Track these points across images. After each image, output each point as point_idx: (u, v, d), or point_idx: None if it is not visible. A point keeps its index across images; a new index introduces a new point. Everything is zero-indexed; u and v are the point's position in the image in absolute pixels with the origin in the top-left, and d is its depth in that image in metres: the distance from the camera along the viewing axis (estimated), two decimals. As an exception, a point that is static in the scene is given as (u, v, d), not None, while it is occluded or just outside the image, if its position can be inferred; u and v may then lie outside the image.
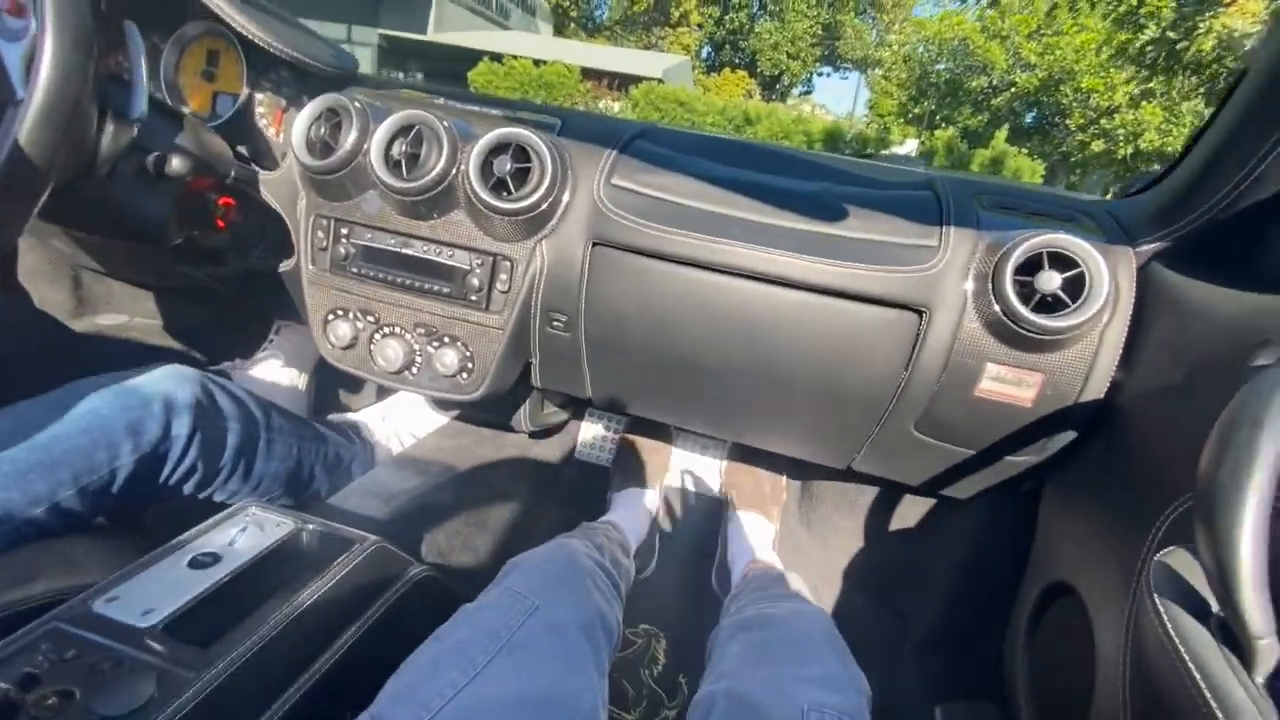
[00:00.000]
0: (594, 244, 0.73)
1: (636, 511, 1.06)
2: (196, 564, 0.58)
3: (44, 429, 0.61)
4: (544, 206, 0.71)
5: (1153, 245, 0.64)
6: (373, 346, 0.79)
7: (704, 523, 1.20)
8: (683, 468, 1.24)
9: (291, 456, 0.88)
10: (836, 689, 0.51)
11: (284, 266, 0.87)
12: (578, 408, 1.28)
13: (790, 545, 1.12)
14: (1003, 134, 7.34)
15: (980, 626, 0.82)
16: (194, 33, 0.89)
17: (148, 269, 1.03)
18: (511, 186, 0.70)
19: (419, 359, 0.79)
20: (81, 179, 0.65)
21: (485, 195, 0.69)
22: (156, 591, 0.55)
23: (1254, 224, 0.57)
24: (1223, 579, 0.35)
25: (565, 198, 0.73)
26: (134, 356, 1.07)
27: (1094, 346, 0.63)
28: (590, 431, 1.30)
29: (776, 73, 25.33)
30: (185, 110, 0.88)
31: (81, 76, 0.53)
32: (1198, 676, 0.37)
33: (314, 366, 1.31)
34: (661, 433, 1.21)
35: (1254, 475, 0.35)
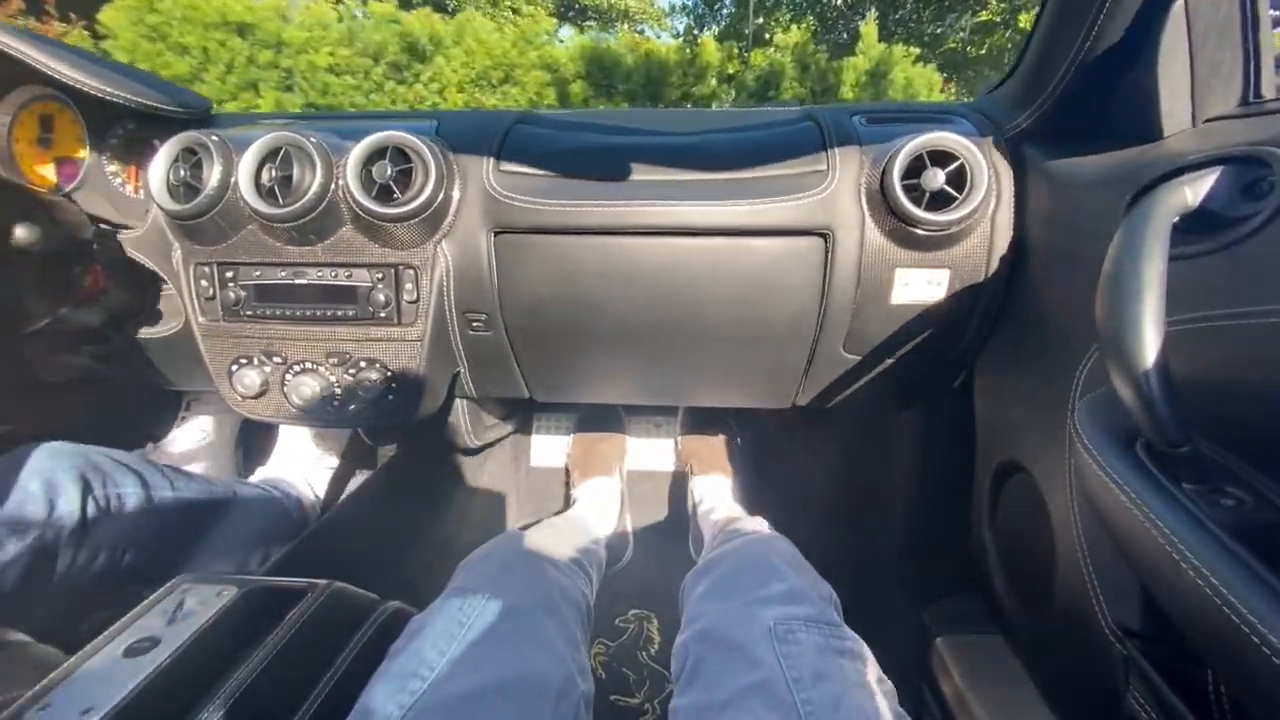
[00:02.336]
0: (496, 233, 0.71)
1: (600, 501, 1.04)
2: (133, 651, 0.53)
3: None
4: (435, 205, 0.69)
5: (1019, 128, 0.68)
6: (285, 388, 0.74)
7: (672, 498, 1.20)
8: (639, 450, 1.23)
9: (212, 510, 0.82)
10: (800, 600, 0.51)
11: (172, 328, 0.81)
12: (522, 412, 1.25)
13: (752, 496, 1.13)
14: (872, 29, 4.89)
15: (946, 525, 0.84)
16: (20, 99, 0.82)
17: (21, 365, 0.94)
18: (397, 191, 0.67)
19: (339, 390, 0.75)
20: None
21: (371, 205, 0.67)
22: (92, 690, 0.49)
23: (1101, 88, 0.62)
24: (1137, 400, 0.37)
25: (455, 193, 0.71)
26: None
27: (988, 233, 0.66)
28: (539, 434, 1.27)
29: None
30: (23, 182, 0.81)
31: None
32: (1136, 499, 0.39)
33: (235, 435, 1.24)
34: (612, 420, 1.20)
35: (1143, 297, 0.37)
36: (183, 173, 0.69)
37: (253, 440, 1.22)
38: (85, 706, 0.47)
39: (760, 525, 0.79)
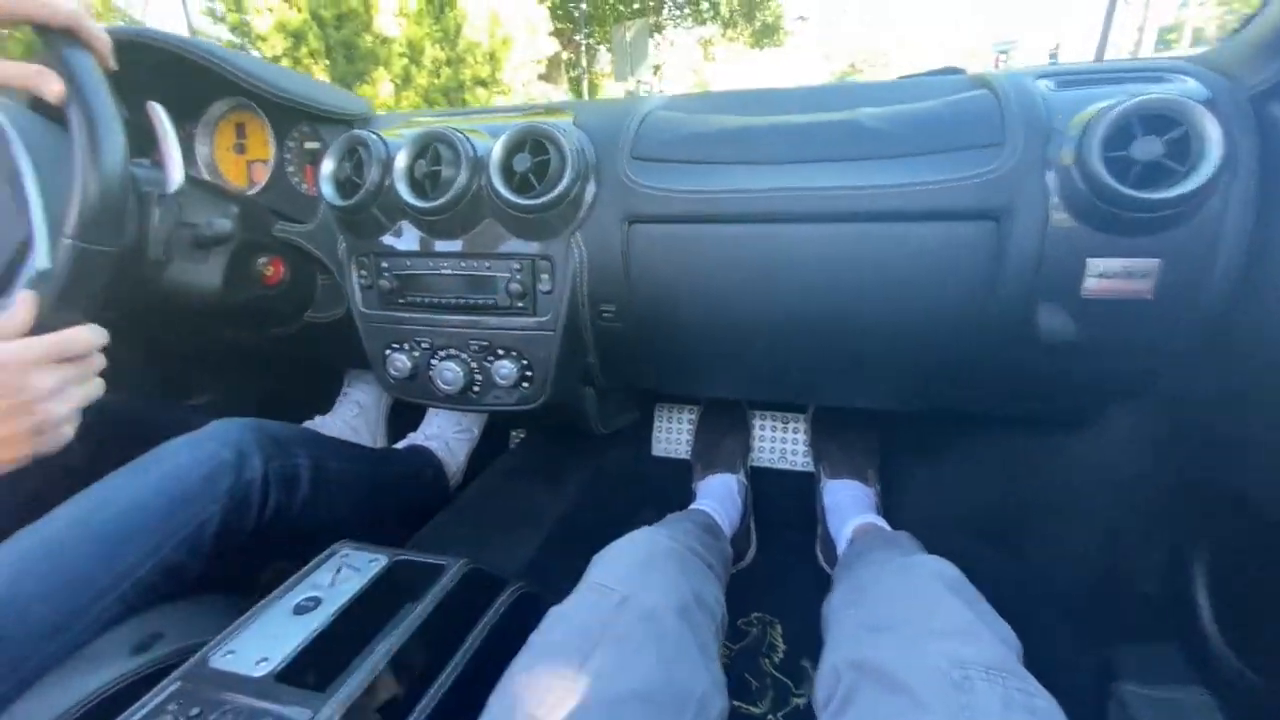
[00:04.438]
0: (630, 223, 0.70)
1: (724, 498, 1.01)
2: (300, 609, 0.59)
3: (128, 496, 0.63)
4: (571, 196, 0.69)
5: (1268, 83, 0.55)
6: (431, 372, 0.78)
7: (798, 499, 1.14)
8: (765, 447, 1.18)
9: (371, 483, 0.91)
10: (975, 640, 0.45)
11: (336, 314, 0.89)
12: (647, 402, 1.25)
13: (893, 503, 1.04)
14: None
15: (1136, 557, 0.72)
16: (220, 111, 0.93)
17: (219, 342, 1.09)
18: (535, 182, 0.68)
19: (479, 376, 0.78)
20: (136, 263, 0.68)
21: (510, 196, 0.68)
22: (267, 641, 0.55)
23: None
24: None
25: (591, 184, 0.71)
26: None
27: (1219, 215, 0.54)
28: (663, 425, 1.26)
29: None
30: (223, 183, 0.92)
31: (120, 165, 0.55)
32: None
33: (386, 412, 1.35)
34: (737, 414, 1.16)
35: None
36: (347, 170, 0.75)
37: (402, 414, 1.33)
38: (261, 656, 0.53)
39: (908, 543, 0.72)
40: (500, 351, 0.76)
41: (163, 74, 0.80)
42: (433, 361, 0.78)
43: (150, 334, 0.97)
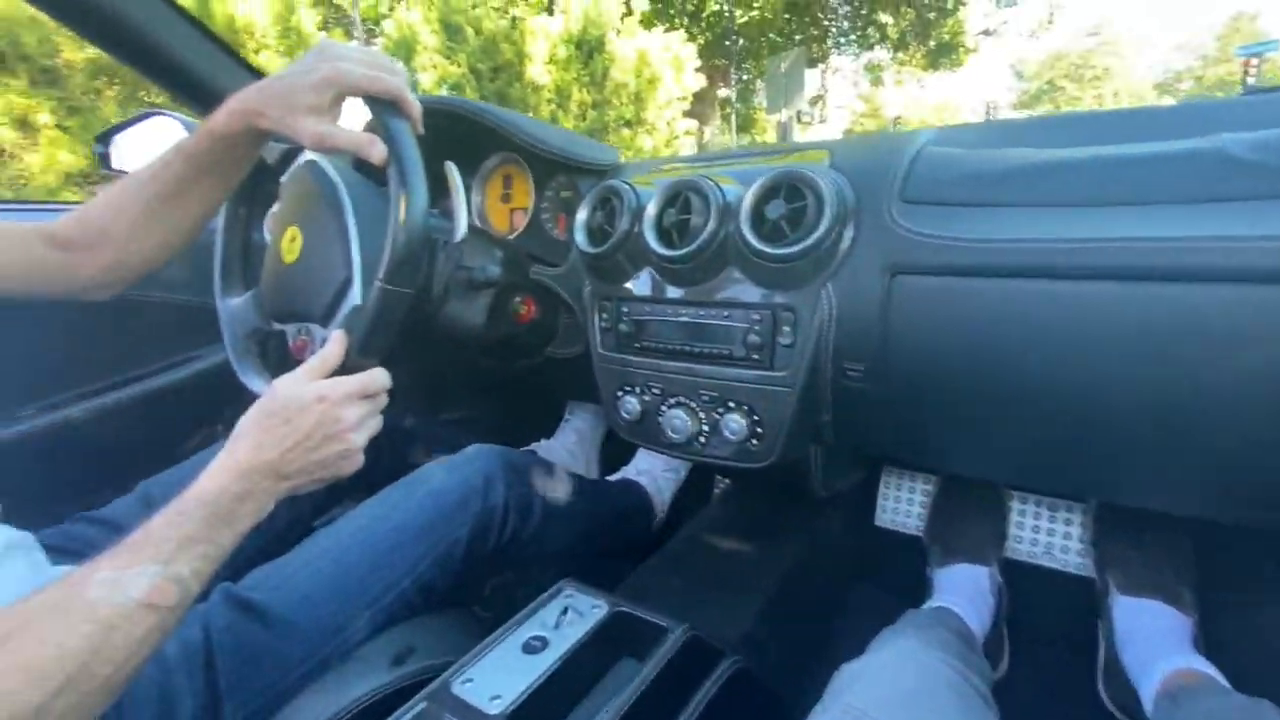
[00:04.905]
0: (894, 274, 0.62)
1: (972, 595, 0.85)
2: (529, 649, 0.60)
3: (400, 514, 0.71)
4: (826, 244, 0.63)
5: None
6: (660, 419, 0.78)
7: (1069, 610, 0.92)
8: (1025, 536, 0.98)
9: (591, 516, 0.93)
10: None
11: (575, 351, 0.93)
12: (873, 464, 1.13)
13: (1211, 643, 0.78)
14: None
15: None
16: (492, 164, 1.05)
17: (470, 368, 1.22)
18: (787, 230, 0.64)
19: (706, 428, 0.75)
20: (421, 301, 0.78)
21: (760, 245, 0.64)
22: (499, 675, 0.57)
23: None
24: None
25: (849, 230, 0.64)
26: (464, 442, 1.26)
27: None
28: (891, 492, 1.12)
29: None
30: (490, 230, 1.03)
31: (424, 219, 0.63)
32: None
33: (601, 441, 1.40)
34: (988, 492, 0.98)
35: None
36: (599, 219, 0.78)
37: (613, 442, 1.37)
38: (494, 693, 0.54)
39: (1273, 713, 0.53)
40: (731, 404, 0.72)
41: (453, 134, 0.92)
42: (663, 408, 0.77)
43: (418, 360, 1.12)
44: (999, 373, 0.60)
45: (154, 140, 1.16)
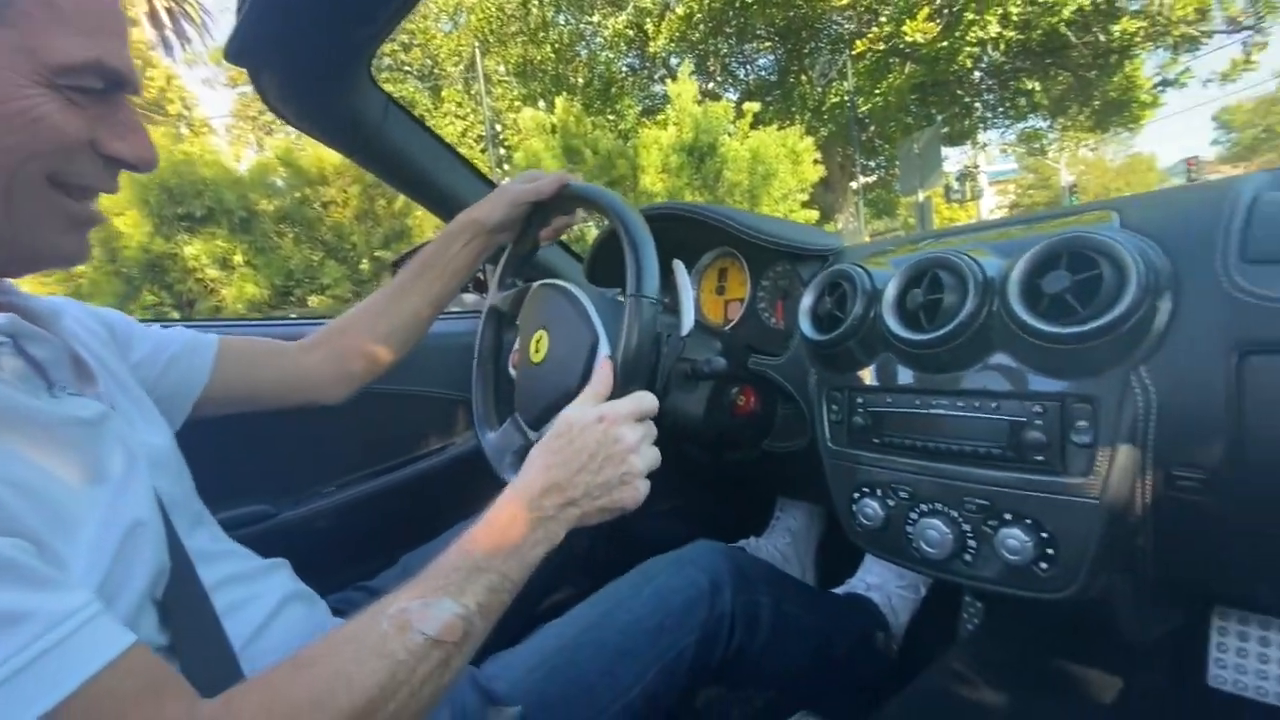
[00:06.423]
0: (1244, 354, 0.47)
1: None
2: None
3: (628, 613, 0.67)
4: (1134, 320, 0.51)
5: None
6: (909, 528, 0.67)
7: None
8: None
9: (821, 634, 0.82)
10: None
11: (797, 444, 0.86)
12: (1198, 603, 0.85)
13: None
14: None
15: None
16: (708, 260, 1.08)
17: (685, 461, 1.20)
18: (1076, 305, 0.53)
19: (973, 543, 0.62)
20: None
21: (1039, 325, 0.54)
22: None
23: None
24: None
25: (1165, 302, 0.52)
26: (675, 531, 1.22)
27: None
28: (1230, 641, 0.83)
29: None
30: (706, 321, 1.04)
31: (654, 324, 0.64)
32: None
33: (817, 545, 1.28)
34: None
35: None
36: (828, 305, 0.73)
37: (831, 547, 1.24)
38: None
39: None
40: (1008, 516, 0.60)
41: (672, 235, 0.96)
42: (912, 515, 0.67)
43: None
44: None
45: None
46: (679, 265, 0.79)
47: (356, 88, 0.87)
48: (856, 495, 0.72)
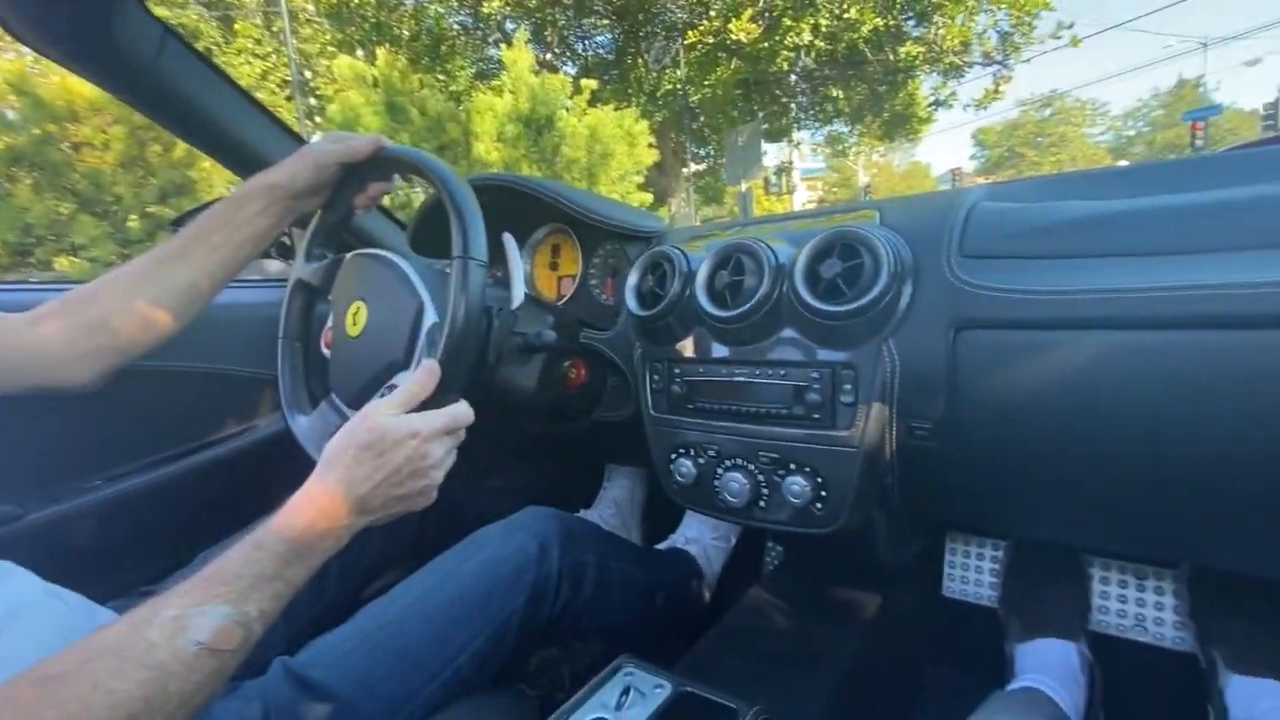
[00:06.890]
0: (958, 329, 0.61)
1: (1062, 674, 0.78)
2: (592, 731, 0.56)
3: (455, 583, 0.68)
4: (885, 301, 0.62)
5: None
6: (716, 482, 0.75)
7: (1171, 691, 0.84)
8: (1111, 607, 0.91)
9: (642, 587, 0.89)
10: None
11: (622, 415, 0.92)
12: (936, 530, 1.07)
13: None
14: None
15: None
16: (541, 235, 1.09)
17: (519, 436, 1.21)
18: (844, 288, 0.64)
19: (766, 491, 0.72)
20: (477, 365, 0.78)
21: (816, 303, 0.64)
22: None
23: None
24: None
25: (908, 287, 0.64)
26: (508, 509, 1.23)
27: None
28: (958, 560, 1.06)
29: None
30: (539, 296, 1.06)
31: (483, 291, 0.64)
32: None
33: (641, 509, 1.37)
34: (1065, 559, 0.92)
35: None
36: (650, 283, 0.79)
37: (655, 508, 1.33)
38: None
39: None
40: (793, 466, 0.70)
41: (503, 208, 0.95)
42: (719, 471, 0.75)
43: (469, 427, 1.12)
44: (1079, 428, 0.57)
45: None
46: (509, 239, 0.79)
47: (122, 10, 0.74)
48: (673, 456, 0.79)
